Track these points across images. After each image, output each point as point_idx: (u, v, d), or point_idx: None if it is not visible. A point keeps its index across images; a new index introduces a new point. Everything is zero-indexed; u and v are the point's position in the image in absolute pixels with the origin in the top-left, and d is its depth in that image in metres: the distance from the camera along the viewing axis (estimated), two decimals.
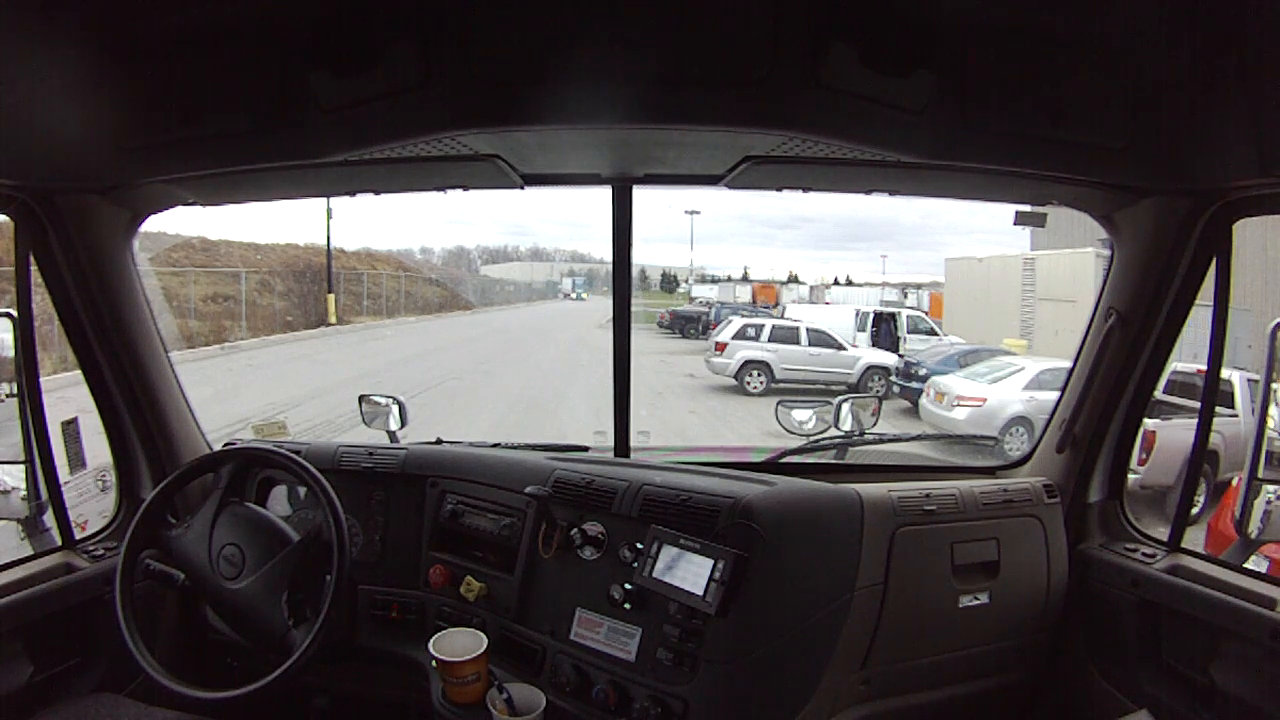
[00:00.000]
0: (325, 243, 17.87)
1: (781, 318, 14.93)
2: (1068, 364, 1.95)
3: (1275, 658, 1.44)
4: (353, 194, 1.85)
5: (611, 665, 1.55)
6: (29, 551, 1.81)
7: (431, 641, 1.57)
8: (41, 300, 1.75)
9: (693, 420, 9.93)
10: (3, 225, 1.75)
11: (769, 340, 12.26)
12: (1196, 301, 1.70)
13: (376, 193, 1.83)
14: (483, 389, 11.49)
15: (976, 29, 1.32)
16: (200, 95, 1.38)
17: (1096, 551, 1.87)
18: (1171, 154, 1.43)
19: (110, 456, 1.96)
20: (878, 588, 1.65)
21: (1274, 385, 1.74)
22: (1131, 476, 1.96)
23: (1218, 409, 1.78)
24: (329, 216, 17.15)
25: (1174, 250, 1.65)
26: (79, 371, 1.85)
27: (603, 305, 23.14)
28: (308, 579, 1.64)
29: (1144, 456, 5.66)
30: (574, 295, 33.50)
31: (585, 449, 2.16)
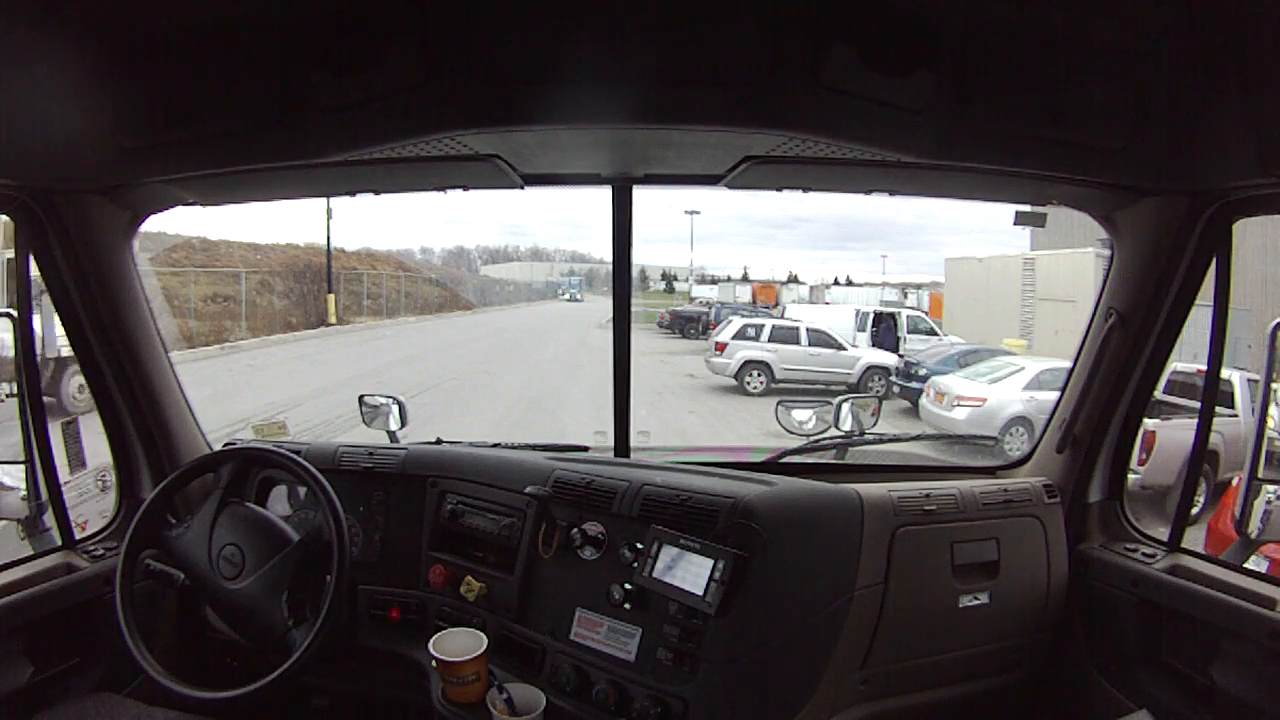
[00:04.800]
0: (325, 243, 17.90)
1: (781, 318, 14.93)
2: (1068, 364, 1.95)
3: (1275, 658, 1.44)
4: (353, 194, 1.85)
5: (611, 665, 1.55)
6: (29, 551, 1.81)
7: (431, 641, 1.57)
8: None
9: (693, 420, 9.92)
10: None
11: (769, 340, 12.27)
12: (1196, 301, 1.70)
13: (376, 193, 1.83)
14: (482, 389, 11.49)
15: (976, 29, 1.32)
16: (200, 95, 1.38)
17: (1096, 551, 1.87)
18: (1171, 154, 1.43)
19: (110, 456, 1.96)
20: (878, 588, 1.65)
21: (1274, 385, 1.74)
22: (1131, 476, 1.96)
23: (1218, 409, 1.77)
24: (329, 216, 17.18)
25: (1174, 250, 1.64)
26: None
27: (602, 306, 23.12)
28: (308, 579, 1.64)
29: (1144, 456, 5.65)
30: (566, 296, 31.59)
31: (585, 449, 2.16)
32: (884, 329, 14.05)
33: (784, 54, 1.28)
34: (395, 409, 2.36)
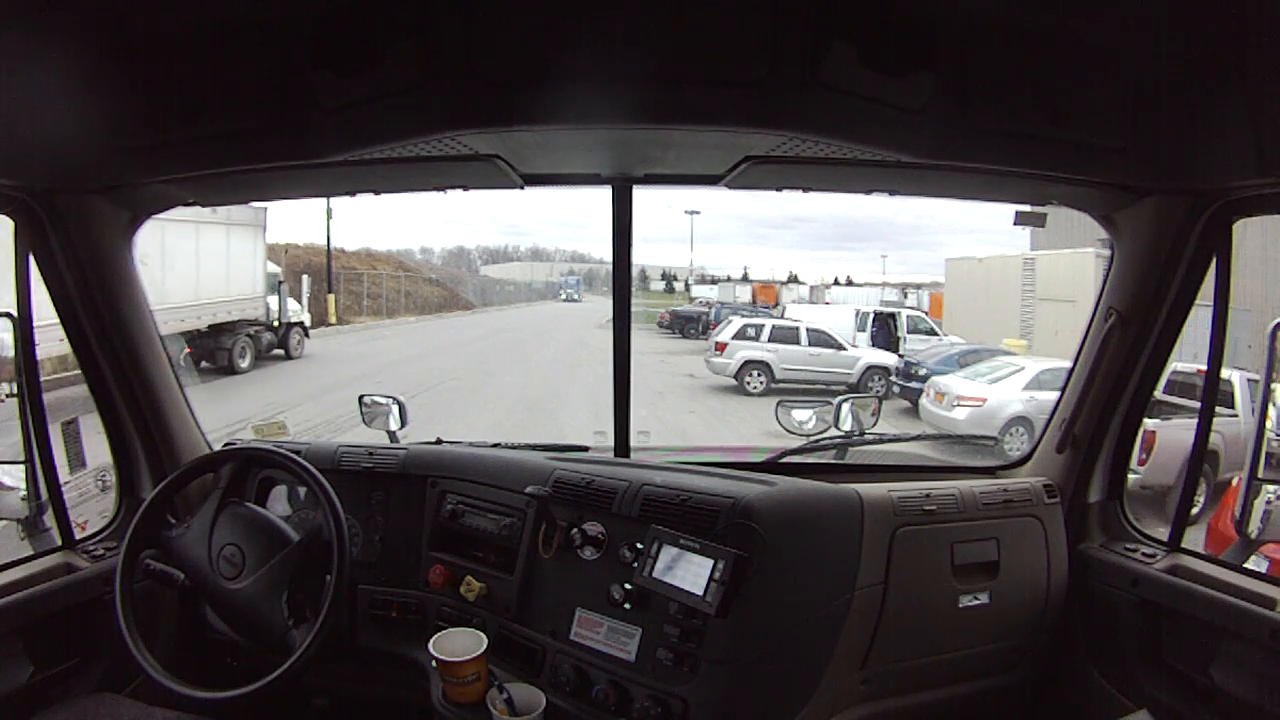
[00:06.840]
0: (325, 243, 17.90)
1: (781, 318, 14.93)
2: (1067, 364, 1.95)
3: (1275, 658, 1.44)
4: (353, 194, 1.85)
5: (611, 665, 1.55)
6: (29, 551, 1.81)
7: (431, 641, 1.57)
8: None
9: (693, 420, 9.93)
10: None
11: (769, 340, 12.27)
12: (1196, 301, 1.70)
13: (376, 193, 1.83)
14: (483, 389, 11.49)
15: (976, 29, 1.32)
16: (200, 95, 1.38)
17: (1096, 551, 1.87)
18: (1171, 154, 1.43)
19: (110, 456, 1.96)
20: (878, 588, 1.65)
21: (1274, 385, 1.74)
22: (1131, 476, 1.96)
23: (1218, 409, 1.77)
24: (329, 216, 17.18)
25: (1174, 250, 1.65)
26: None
27: (601, 306, 23.10)
28: (308, 579, 1.64)
29: (1144, 456, 5.66)
30: (564, 297, 30.99)
31: (585, 449, 2.16)
32: (884, 329, 14.04)
33: (784, 54, 1.28)
34: (395, 409, 2.36)
